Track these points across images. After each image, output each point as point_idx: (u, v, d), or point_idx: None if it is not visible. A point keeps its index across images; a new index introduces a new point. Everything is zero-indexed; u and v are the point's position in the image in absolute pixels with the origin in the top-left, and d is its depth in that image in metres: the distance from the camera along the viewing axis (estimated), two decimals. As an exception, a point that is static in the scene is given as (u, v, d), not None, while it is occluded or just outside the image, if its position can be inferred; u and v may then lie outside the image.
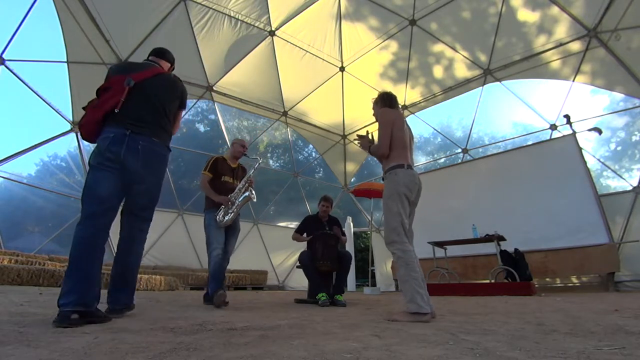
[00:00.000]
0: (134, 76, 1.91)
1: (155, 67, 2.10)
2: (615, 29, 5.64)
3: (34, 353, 0.92)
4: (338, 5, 7.16)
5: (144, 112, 1.89)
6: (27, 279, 3.95)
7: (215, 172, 3.16)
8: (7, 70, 5.20)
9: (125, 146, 1.76)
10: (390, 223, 2.01)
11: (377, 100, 2.42)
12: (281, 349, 1.04)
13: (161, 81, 2.05)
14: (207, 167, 3.16)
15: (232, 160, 3.33)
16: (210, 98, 8.16)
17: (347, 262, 3.52)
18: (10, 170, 5.75)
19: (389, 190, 2.08)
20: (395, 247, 1.97)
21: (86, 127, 1.81)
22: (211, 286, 2.77)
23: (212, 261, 2.84)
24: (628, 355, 0.94)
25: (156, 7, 6.12)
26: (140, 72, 1.98)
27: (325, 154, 10.27)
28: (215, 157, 3.27)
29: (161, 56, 2.33)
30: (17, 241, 7.33)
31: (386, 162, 2.17)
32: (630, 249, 5.44)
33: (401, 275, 1.92)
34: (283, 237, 8.23)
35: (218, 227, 2.96)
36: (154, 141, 1.89)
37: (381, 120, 2.22)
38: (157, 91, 1.98)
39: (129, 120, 1.82)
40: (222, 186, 3.11)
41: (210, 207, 3.06)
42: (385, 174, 2.16)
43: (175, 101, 2.11)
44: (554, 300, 3.56)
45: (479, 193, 7.02)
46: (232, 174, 3.25)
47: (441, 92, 8.33)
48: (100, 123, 1.80)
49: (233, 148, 3.35)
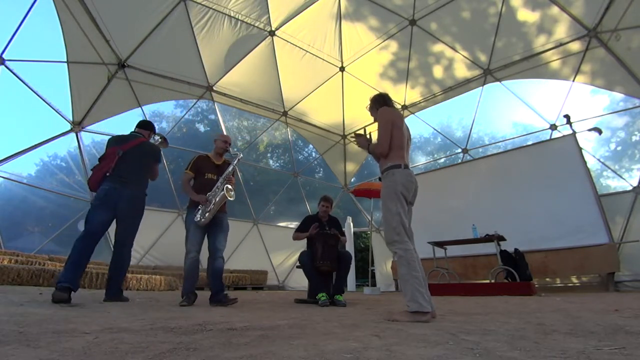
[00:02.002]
0: (123, 147, 2.94)
1: (139, 138, 3.12)
2: (615, 29, 5.64)
3: (34, 353, 0.92)
4: (338, 5, 7.16)
5: (127, 172, 2.89)
6: (27, 279, 3.94)
7: (197, 170, 3.14)
8: (7, 70, 5.19)
9: (116, 196, 2.80)
10: (390, 223, 2.01)
11: (371, 105, 2.44)
12: (281, 349, 1.04)
13: (142, 148, 3.08)
14: (188, 166, 3.16)
15: (216, 157, 3.27)
16: (210, 98, 8.16)
17: (347, 262, 3.52)
18: (10, 170, 5.75)
19: (387, 190, 2.09)
20: (397, 247, 1.97)
21: (92, 183, 2.87)
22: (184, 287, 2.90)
23: (186, 263, 2.89)
24: (628, 355, 0.94)
25: (156, 7, 6.12)
26: (127, 143, 3.00)
27: (325, 154, 10.27)
28: (198, 155, 3.25)
29: (144, 127, 3.29)
30: (17, 241, 7.34)
31: (384, 162, 2.17)
32: (630, 249, 5.44)
33: (402, 274, 1.92)
34: (283, 237, 8.22)
35: (197, 227, 2.94)
36: (134, 191, 2.92)
37: (381, 119, 2.22)
38: (138, 156, 3.00)
39: (118, 178, 2.84)
40: (206, 183, 3.07)
41: (190, 206, 3.05)
42: (382, 173, 2.17)
43: (151, 160, 3.13)
44: (554, 300, 3.56)
45: (479, 193, 7.02)
46: (217, 171, 3.18)
47: (441, 92, 8.33)
48: (100, 180, 2.83)
49: (216, 145, 3.30)
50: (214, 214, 2.96)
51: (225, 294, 2.91)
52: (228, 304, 2.80)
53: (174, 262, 7.34)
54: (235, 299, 2.86)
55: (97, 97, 6.41)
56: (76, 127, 6.38)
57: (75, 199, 6.89)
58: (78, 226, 6.86)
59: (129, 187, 2.86)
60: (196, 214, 2.94)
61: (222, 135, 3.36)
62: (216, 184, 3.06)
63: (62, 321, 1.54)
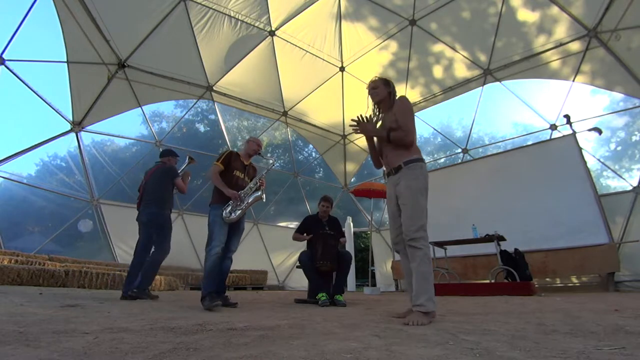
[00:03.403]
0: (146, 177, 3.76)
1: (157, 165, 3.84)
2: (615, 29, 5.64)
3: (34, 353, 0.92)
4: (338, 5, 7.16)
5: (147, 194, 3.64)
6: (27, 279, 3.95)
7: (228, 166, 3.00)
8: (7, 70, 5.19)
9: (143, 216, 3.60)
10: (420, 217, 1.91)
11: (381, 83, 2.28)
12: (281, 349, 1.04)
13: (158, 173, 3.75)
14: (220, 158, 3.00)
15: (245, 157, 3.20)
16: (210, 98, 8.16)
17: (347, 262, 3.52)
18: (10, 170, 5.76)
19: (419, 184, 1.96)
20: (421, 243, 1.88)
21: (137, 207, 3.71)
22: (206, 286, 2.61)
23: (210, 259, 2.68)
24: (628, 355, 0.94)
25: (156, 7, 6.12)
26: (149, 172, 3.79)
27: (325, 154, 10.27)
28: (230, 150, 3.13)
29: (163, 155, 3.98)
30: (17, 241, 7.33)
31: (407, 153, 2.03)
32: (630, 249, 5.44)
33: (425, 272, 1.85)
34: (283, 237, 8.23)
35: (223, 223, 2.80)
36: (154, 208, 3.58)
37: (406, 107, 2.09)
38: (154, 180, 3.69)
39: (144, 202, 3.63)
40: (233, 181, 2.97)
41: (217, 202, 2.88)
42: (408, 164, 2.00)
43: (167, 179, 3.72)
44: (554, 300, 3.56)
45: (479, 193, 7.02)
46: (244, 171, 3.11)
47: (441, 92, 8.32)
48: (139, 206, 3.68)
49: (248, 145, 3.22)
50: (244, 213, 2.92)
51: (226, 295, 2.91)
52: (229, 306, 2.78)
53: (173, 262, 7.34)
54: (235, 304, 2.82)
55: (97, 97, 6.41)
56: (76, 127, 6.38)
57: (75, 199, 6.89)
58: (78, 226, 6.87)
59: (149, 207, 3.57)
60: (225, 209, 2.82)
61: (256, 139, 3.30)
62: (248, 184, 3.01)
63: (62, 321, 1.54)
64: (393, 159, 2.08)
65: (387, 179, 2.15)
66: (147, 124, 8.25)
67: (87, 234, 7.23)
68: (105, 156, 7.68)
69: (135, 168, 7.68)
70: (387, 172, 2.15)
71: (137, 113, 7.36)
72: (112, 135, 7.65)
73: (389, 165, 2.11)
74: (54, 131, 6.17)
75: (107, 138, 9.98)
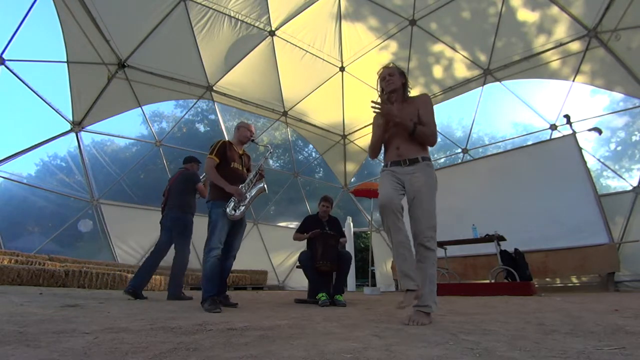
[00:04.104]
0: (170, 182, 3.93)
1: (180, 171, 3.99)
2: (615, 29, 5.64)
3: (34, 353, 0.92)
4: (338, 5, 7.16)
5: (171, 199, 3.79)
6: (27, 279, 3.95)
7: (224, 158, 2.71)
8: (7, 70, 5.20)
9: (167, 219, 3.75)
10: (433, 218, 1.89)
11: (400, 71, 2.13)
12: (281, 349, 1.04)
13: (181, 177, 3.89)
14: (213, 150, 2.70)
15: (237, 145, 2.93)
16: (210, 98, 8.16)
17: (347, 262, 3.51)
18: (10, 170, 5.76)
19: (434, 183, 1.94)
20: (432, 244, 1.86)
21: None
22: (206, 289, 2.45)
23: (209, 261, 2.49)
24: (628, 355, 0.94)
25: (156, 7, 6.12)
26: (173, 177, 3.99)
27: (325, 154, 10.27)
28: (222, 140, 2.82)
29: (186, 162, 4.09)
30: (17, 241, 7.32)
31: (423, 149, 1.98)
32: (630, 249, 5.44)
33: (433, 274, 1.83)
34: (283, 237, 8.23)
35: (225, 222, 2.60)
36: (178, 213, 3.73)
37: (431, 106, 2.02)
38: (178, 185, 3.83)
39: (168, 206, 3.79)
40: (231, 174, 2.71)
41: (216, 198, 2.63)
42: (426, 160, 1.95)
43: (189, 184, 3.85)
44: (554, 300, 3.56)
45: (479, 193, 7.02)
46: (240, 161, 2.86)
47: (441, 92, 8.32)
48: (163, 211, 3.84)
49: (239, 132, 2.94)
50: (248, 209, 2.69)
51: (226, 295, 2.89)
52: (229, 306, 2.77)
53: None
54: (236, 304, 2.80)
55: (97, 97, 6.41)
56: (76, 127, 6.38)
57: (75, 199, 6.88)
58: (78, 226, 6.86)
59: (173, 211, 3.71)
60: (227, 207, 2.59)
61: (246, 124, 2.99)
62: (248, 177, 2.79)
63: (62, 321, 1.54)
64: (409, 151, 1.96)
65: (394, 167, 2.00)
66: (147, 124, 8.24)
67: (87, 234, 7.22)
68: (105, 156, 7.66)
69: (135, 168, 7.67)
70: (395, 161, 2.00)
71: (137, 113, 7.36)
72: (112, 135, 7.64)
73: (402, 155, 1.97)
74: (54, 131, 6.18)
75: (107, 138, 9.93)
